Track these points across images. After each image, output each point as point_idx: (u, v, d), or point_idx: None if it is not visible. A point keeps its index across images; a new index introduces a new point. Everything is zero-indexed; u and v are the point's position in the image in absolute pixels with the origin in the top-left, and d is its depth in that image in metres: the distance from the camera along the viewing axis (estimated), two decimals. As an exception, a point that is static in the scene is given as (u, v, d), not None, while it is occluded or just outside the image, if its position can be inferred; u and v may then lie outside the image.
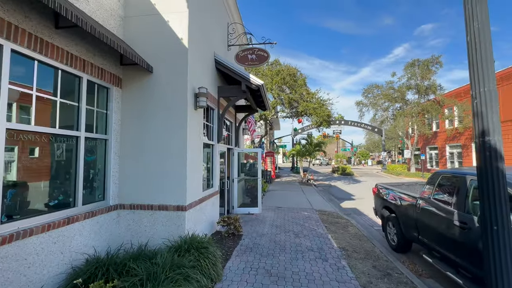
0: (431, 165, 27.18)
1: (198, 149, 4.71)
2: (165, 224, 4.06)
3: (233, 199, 7.84)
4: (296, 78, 14.85)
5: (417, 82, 22.08)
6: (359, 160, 58.83)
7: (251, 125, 10.40)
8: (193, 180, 4.35)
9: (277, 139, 37.85)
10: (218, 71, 6.02)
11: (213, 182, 5.79)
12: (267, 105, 7.31)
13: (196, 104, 4.47)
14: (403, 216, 4.94)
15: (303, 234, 6.01)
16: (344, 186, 17.26)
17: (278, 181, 19.96)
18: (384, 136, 33.28)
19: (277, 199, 11.14)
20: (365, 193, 13.94)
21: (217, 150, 5.95)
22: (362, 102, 26.11)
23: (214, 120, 5.92)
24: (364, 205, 10.57)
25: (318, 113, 14.09)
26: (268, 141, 22.41)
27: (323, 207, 9.64)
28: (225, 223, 5.29)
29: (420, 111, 21.61)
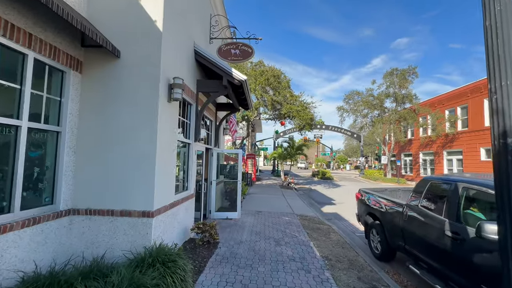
0: (405, 171, 28.26)
1: (171, 147, 4.19)
2: (127, 233, 3.49)
3: (211, 203, 7.32)
4: (280, 80, 14.65)
5: (395, 91, 22.87)
6: (337, 164, 60.26)
7: (233, 125, 9.95)
8: (163, 182, 3.82)
9: (259, 142, 37.60)
10: (197, 63, 5.54)
11: (188, 185, 5.27)
12: (250, 104, 6.91)
13: (170, 96, 3.96)
14: (388, 223, 4.74)
15: (284, 241, 5.64)
16: (324, 190, 17.27)
17: (258, 184, 19.59)
18: (362, 142, 34.20)
19: (257, 202, 10.75)
20: (345, 197, 13.96)
21: (193, 149, 5.44)
22: (343, 108, 26.61)
23: (191, 117, 5.41)
24: (344, 210, 10.47)
25: (301, 116, 13.95)
26: (249, 143, 22.02)
27: (304, 211, 9.38)
28: (199, 230, 4.79)
29: (398, 119, 22.37)
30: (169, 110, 4.04)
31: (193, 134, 5.39)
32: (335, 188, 19.09)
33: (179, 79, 3.93)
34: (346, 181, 25.93)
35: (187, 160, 5.31)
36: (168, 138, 4.05)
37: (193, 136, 5.40)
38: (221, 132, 8.95)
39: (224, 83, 5.21)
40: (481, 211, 3.12)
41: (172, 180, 4.28)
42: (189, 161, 5.32)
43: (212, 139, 7.59)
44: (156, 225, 3.60)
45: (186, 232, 4.99)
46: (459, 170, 21.08)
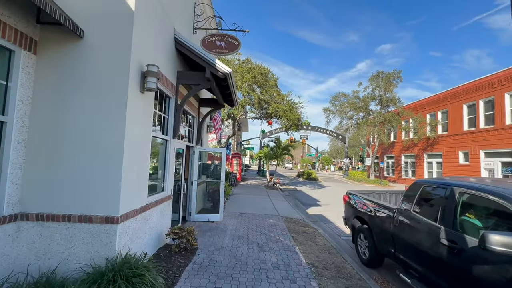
0: (388, 173, 28.91)
1: (144, 144, 3.73)
2: (87, 242, 3.00)
3: (191, 205, 6.85)
4: (268, 78, 14.33)
5: (381, 93, 23.24)
6: (322, 165, 61.00)
7: (217, 123, 9.50)
8: (132, 183, 3.36)
9: (245, 141, 37.19)
10: (178, 53, 5.08)
11: (165, 185, 4.80)
12: (235, 100, 6.52)
13: (143, 86, 3.50)
14: (377, 228, 4.51)
15: (268, 246, 5.30)
16: (310, 191, 17.17)
17: (243, 184, 19.21)
18: (347, 143, 34.68)
19: (241, 204, 10.36)
20: (330, 198, 13.88)
21: (172, 147, 4.98)
22: (329, 109, 26.76)
23: (170, 111, 4.94)
24: (330, 211, 10.31)
25: (288, 116, 13.69)
26: (235, 142, 21.58)
27: (289, 213, 9.10)
28: (175, 235, 4.34)
29: (382, 121, 22.75)
30: (142, 102, 3.58)
31: (171, 130, 4.92)
32: (320, 189, 19.07)
33: (153, 66, 3.48)
34: (331, 182, 26.11)
35: (164, 158, 4.83)
36: (141, 133, 3.58)
37: (172, 132, 4.93)
38: (205, 129, 8.49)
39: (207, 75, 4.78)
40: (477, 217, 2.92)
41: (145, 181, 3.81)
42: (166, 160, 4.85)
43: (194, 137, 7.12)
44: (123, 232, 3.14)
45: (161, 237, 4.52)
46: (438, 172, 21.74)
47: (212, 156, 11.56)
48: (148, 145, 3.88)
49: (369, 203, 4.96)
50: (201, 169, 7.66)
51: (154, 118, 4.29)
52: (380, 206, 4.60)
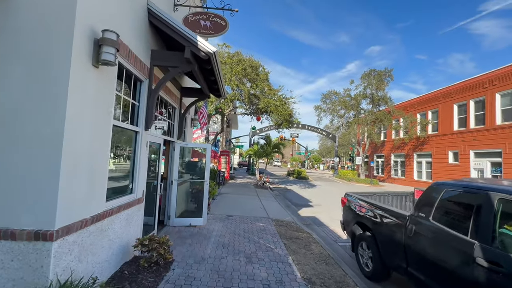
0: (377, 172, 28.87)
1: (100, 135, 2.91)
2: (7, 266, 2.18)
3: (171, 207, 6.04)
4: (258, 72, 13.58)
5: (372, 92, 22.97)
6: (312, 164, 60.98)
7: (203, 117, 8.68)
8: (79, 185, 2.55)
9: (235, 139, 36.35)
10: (153, 28, 4.25)
11: (134, 186, 3.98)
12: (221, 89, 5.74)
13: (97, 57, 2.68)
14: (384, 237, 3.89)
15: (257, 257, 4.59)
16: (300, 191, 16.62)
17: (232, 183, 18.44)
18: (337, 142, 34.50)
19: (228, 204, 9.61)
20: (322, 198, 13.34)
21: (144, 140, 4.16)
22: (320, 107, 26.33)
23: (141, 97, 4.12)
24: (323, 213, 9.72)
25: (279, 112, 12.99)
26: (224, 139, 20.75)
27: (280, 215, 8.44)
28: (144, 248, 3.55)
29: (374, 120, 22.49)
30: (95, 79, 2.76)
31: (143, 120, 4.10)
32: (311, 188, 18.57)
33: (111, 33, 2.67)
34: (321, 181, 25.74)
35: (134, 154, 4.01)
36: (94, 120, 2.77)
37: (144, 123, 4.11)
38: (188, 123, 7.67)
39: (186, 56, 3.98)
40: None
41: (102, 181, 3.00)
42: (137, 155, 4.03)
43: (175, 130, 6.30)
44: (62, 251, 2.33)
45: (127, 249, 3.72)
46: (428, 172, 21.73)
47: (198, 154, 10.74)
48: (107, 137, 3.06)
49: (373, 207, 4.33)
50: (183, 167, 6.85)
51: (119, 104, 3.47)
52: (387, 211, 3.98)
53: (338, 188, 19.37)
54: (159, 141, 5.12)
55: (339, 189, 18.67)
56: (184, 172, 6.89)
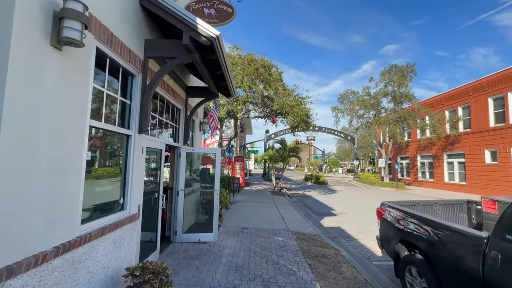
0: (402, 175, 26.99)
1: (68, 138, 2.25)
2: None
3: (177, 221, 5.35)
4: (271, 72, 12.84)
5: (394, 89, 21.48)
6: (329, 168, 58.97)
7: (213, 120, 8.03)
8: (33, 207, 1.87)
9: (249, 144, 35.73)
10: (146, 14, 3.63)
11: (125, 201, 3.31)
12: (230, 85, 5.03)
13: (58, 34, 2.02)
14: (447, 265, 2.93)
15: (277, 284, 3.75)
16: (320, 197, 15.52)
17: (247, 189, 17.66)
18: (356, 144, 32.88)
19: (243, 214, 8.82)
20: (345, 206, 12.20)
21: (137, 145, 3.50)
22: (337, 108, 25.10)
23: (134, 94, 3.47)
24: (348, 223, 8.67)
25: (295, 112, 12.11)
26: (238, 145, 20.10)
27: (301, 227, 7.53)
28: (136, 279, 2.83)
29: (397, 119, 20.93)
30: (59, 66, 2.11)
31: (136, 122, 3.44)
32: (332, 194, 17.39)
33: (75, 3, 2.01)
34: (341, 185, 24.34)
35: (125, 162, 3.35)
36: (58, 120, 2.11)
37: (137, 125, 3.46)
38: (196, 126, 7.02)
39: (185, 42, 3.31)
40: None
41: (71, 200, 2.32)
42: (129, 164, 3.36)
43: (180, 134, 5.65)
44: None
45: (116, 281, 3.02)
46: (461, 174, 19.84)
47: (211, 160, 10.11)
48: (80, 142, 2.39)
49: (422, 222, 3.38)
50: (191, 176, 6.18)
51: (101, 101, 2.83)
52: (446, 228, 3.02)
53: (361, 193, 18.04)
54: (160, 146, 4.46)
55: (362, 194, 17.36)
56: (192, 180, 6.21)
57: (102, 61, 2.82)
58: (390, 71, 21.52)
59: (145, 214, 3.93)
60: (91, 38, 2.48)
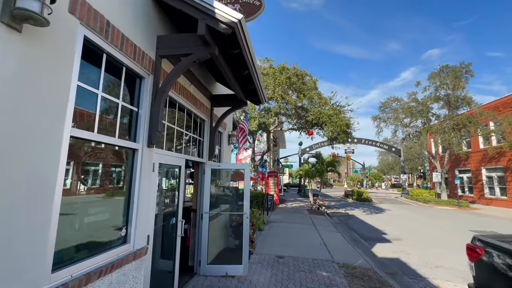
0: (462, 191, 23.21)
1: (36, 152, 1.63)
2: None
3: (201, 250, 4.58)
4: (305, 81, 11.97)
5: (448, 92, 18.84)
6: (371, 183, 54.38)
7: (243, 133, 7.33)
8: None
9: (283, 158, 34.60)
10: (158, 6, 3.10)
11: (128, 232, 2.63)
12: (258, 88, 4.28)
13: (10, 10, 1.44)
14: None
15: None
16: (366, 217, 13.65)
17: (282, 207, 16.48)
18: (403, 156, 29.63)
19: (279, 238, 7.76)
20: (400, 229, 10.31)
21: (147, 161, 2.86)
22: (379, 117, 22.93)
23: (143, 100, 2.89)
24: (409, 253, 7.03)
25: (334, 122, 10.90)
26: (271, 159, 19.23)
27: (348, 256, 6.22)
28: None
29: (454, 126, 18.13)
30: (17, 52, 1.53)
31: (144, 133, 2.83)
32: (379, 213, 15.29)
33: (33, -38, 1.43)
34: (388, 203, 21.66)
35: (130, 182, 2.71)
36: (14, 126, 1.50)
37: (145, 136, 2.84)
38: (224, 139, 6.37)
39: (200, 32, 2.66)
40: None
41: (41, 233, 1.67)
42: (134, 185, 2.72)
43: (205, 148, 5.00)
44: None
45: None
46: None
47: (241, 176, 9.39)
48: (54, 157, 1.77)
49: None
50: (217, 196, 5.45)
51: (93, 105, 2.24)
52: None
53: (415, 213, 15.58)
54: (179, 162, 3.81)
55: (417, 215, 14.95)
56: (219, 201, 5.47)
57: (96, 56, 2.26)
58: (441, 73, 19.04)
59: (158, 244, 3.23)
60: (75, 23, 1.92)
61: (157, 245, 3.21)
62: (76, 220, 2.10)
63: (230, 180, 6.91)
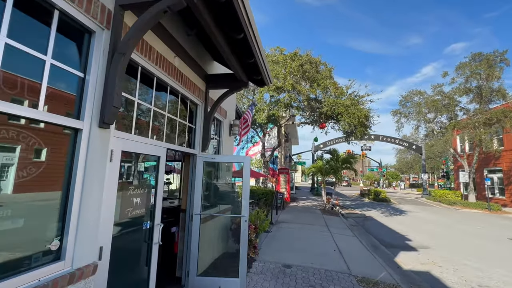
0: (492, 193, 21.25)
1: None
2: None
3: (190, 258, 3.82)
4: (319, 70, 10.91)
5: (480, 83, 17.01)
6: (388, 182, 52.03)
7: (245, 122, 6.49)
8: None
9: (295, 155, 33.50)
10: None
11: (65, 243, 1.88)
12: (260, 61, 3.42)
13: None
14: None
15: None
16: (385, 219, 12.49)
17: (293, 206, 15.57)
18: (424, 155, 27.71)
19: (287, 242, 6.90)
20: (424, 234, 9.14)
21: (95, 146, 2.10)
22: (399, 112, 21.34)
23: (92, 63, 2.10)
24: (441, 265, 5.96)
25: (351, 114, 9.79)
26: (282, 155, 18.31)
27: (368, 268, 5.28)
28: None
29: (486, 121, 16.35)
30: None
31: (94, 108, 2.06)
32: (400, 215, 14.04)
33: None
34: (409, 204, 20.17)
35: (69, 174, 1.95)
36: None
37: (97, 113, 2.07)
38: (224, 129, 5.56)
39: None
40: None
41: None
42: (74, 178, 1.95)
43: (197, 137, 4.22)
44: None
45: None
46: None
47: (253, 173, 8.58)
48: None
49: None
50: (211, 194, 4.67)
51: None
52: None
53: (441, 216, 14.18)
54: (157, 152, 3.03)
55: (443, 218, 13.58)
56: (215, 200, 4.68)
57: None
58: (473, 62, 17.21)
59: (123, 258, 2.48)
60: None
61: (121, 258, 2.45)
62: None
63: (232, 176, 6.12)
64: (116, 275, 2.35)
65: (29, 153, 1.70)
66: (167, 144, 3.29)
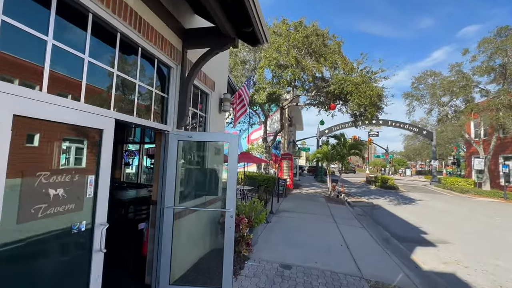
0: (507, 181, 20.13)
1: None
2: None
3: (161, 261, 3.01)
4: (327, 43, 9.68)
5: (505, 61, 15.43)
6: (394, 169, 50.91)
7: (242, 101, 5.51)
8: None
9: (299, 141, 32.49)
10: None
11: None
12: (250, 7, 2.41)
13: None
14: None
15: None
16: (395, 208, 11.62)
17: (296, 193, 14.80)
18: (435, 140, 26.42)
19: (286, 235, 6.10)
20: (441, 225, 8.26)
21: None
22: (411, 94, 19.95)
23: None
24: (467, 265, 5.09)
25: (362, 92, 8.66)
26: (285, 140, 17.36)
27: (380, 267, 4.45)
28: None
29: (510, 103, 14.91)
30: None
31: None
32: (410, 204, 13.16)
33: None
34: (418, 192, 19.24)
35: None
36: None
37: None
38: (212, 104, 4.61)
39: None
40: None
41: None
42: None
43: (171, 110, 3.29)
44: None
45: None
46: None
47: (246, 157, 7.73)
48: None
49: None
50: (191, 182, 3.81)
51: None
52: None
53: (454, 205, 13.25)
54: (98, 123, 2.13)
55: (457, 207, 12.65)
56: (197, 190, 3.83)
57: None
58: (498, 37, 15.57)
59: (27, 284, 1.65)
60: None
61: (22, 284, 1.62)
62: None
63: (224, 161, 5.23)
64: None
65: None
66: (117, 114, 2.37)
